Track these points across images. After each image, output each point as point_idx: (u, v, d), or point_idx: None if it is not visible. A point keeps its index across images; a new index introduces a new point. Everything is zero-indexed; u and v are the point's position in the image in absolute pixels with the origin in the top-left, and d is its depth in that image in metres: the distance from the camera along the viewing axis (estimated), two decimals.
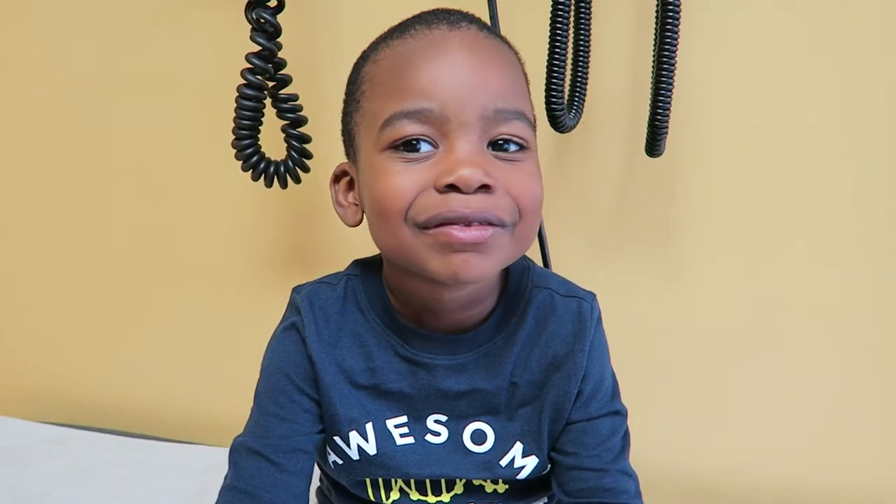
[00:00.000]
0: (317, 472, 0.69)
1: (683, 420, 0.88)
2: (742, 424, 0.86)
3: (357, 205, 0.55)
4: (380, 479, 0.60)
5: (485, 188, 0.46)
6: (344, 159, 0.57)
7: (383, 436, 0.57)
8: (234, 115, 0.69)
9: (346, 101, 0.55)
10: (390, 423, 0.57)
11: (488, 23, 0.59)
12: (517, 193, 0.48)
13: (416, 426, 0.57)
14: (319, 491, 0.71)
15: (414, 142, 0.47)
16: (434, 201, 0.46)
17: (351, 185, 0.55)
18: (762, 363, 0.84)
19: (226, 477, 0.57)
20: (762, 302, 0.82)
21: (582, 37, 0.70)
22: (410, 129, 0.47)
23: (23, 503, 0.79)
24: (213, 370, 0.99)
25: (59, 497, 0.81)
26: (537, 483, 0.61)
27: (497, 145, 0.48)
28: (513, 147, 0.49)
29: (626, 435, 0.60)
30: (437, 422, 0.57)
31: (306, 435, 0.57)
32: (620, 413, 0.59)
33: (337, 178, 0.56)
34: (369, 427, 0.57)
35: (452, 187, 0.46)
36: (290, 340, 0.57)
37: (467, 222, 0.46)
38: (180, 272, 0.97)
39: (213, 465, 0.88)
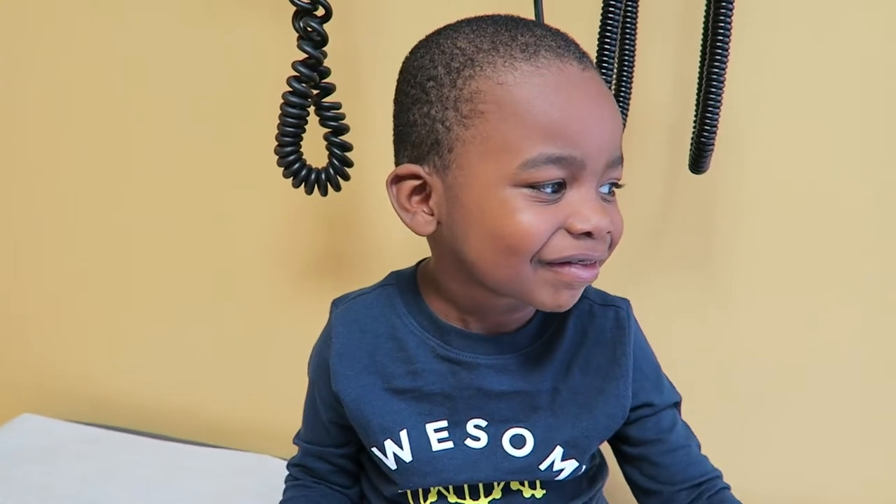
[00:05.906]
0: None
1: (726, 448, 0.86)
2: (785, 453, 0.85)
3: (430, 214, 0.52)
4: (419, 489, 0.60)
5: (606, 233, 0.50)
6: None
7: (419, 442, 0.58)
8: (277, 122, 0.69)
9: (432, 106, 0.50)
10: (430, 427, 0.58)
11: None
12: (615, 232, 0.51)
13: (456, 430, 0.58)
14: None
15: (551, 184, 0.48)
16: (567, 244, 0.49)
17: (417, 191, 0.52)
18: (808, 392, 0.82)
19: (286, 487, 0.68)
20: (807, 331, 0.80)
21: (627, 49, 0.69)
22: (554, 173, 0.47)
23: (51, 502, 0.80)
24: (245, 376, 0.99)
25: (87, 496, 0.82)
26: (575, 488, 0.62)
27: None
28: (611, 188, 0.52)
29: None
30: (477, 427, 0.58)
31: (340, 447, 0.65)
32: (678, 402, 0.64)
33: (398, 179, 0.52)
34: (403, 434, 0.57)
35: (587, 233, 0.48)
36: (321, 369, 0.61)
37: (590, 263, 0.50)
38: (216, 279, 0.97)
39: (240, 469, 0.88)
